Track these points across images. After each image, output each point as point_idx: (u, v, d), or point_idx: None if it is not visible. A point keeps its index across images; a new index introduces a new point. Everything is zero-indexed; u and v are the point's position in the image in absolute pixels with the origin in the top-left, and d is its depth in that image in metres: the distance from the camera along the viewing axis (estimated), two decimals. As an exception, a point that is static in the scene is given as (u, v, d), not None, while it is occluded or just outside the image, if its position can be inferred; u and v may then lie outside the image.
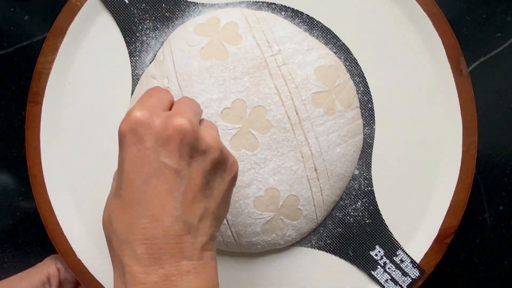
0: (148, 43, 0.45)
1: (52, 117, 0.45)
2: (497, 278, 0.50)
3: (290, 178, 0.41)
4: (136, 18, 0.45)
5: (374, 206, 0.44)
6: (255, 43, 0.42)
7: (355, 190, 0.45)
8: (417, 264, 0.44)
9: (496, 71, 0.49)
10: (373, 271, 0.44)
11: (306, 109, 0.41)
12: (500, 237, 0.50)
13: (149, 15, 0.45)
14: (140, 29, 0.45)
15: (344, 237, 0.44)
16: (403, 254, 0.44)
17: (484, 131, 0.46)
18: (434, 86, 0.44)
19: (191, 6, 0.45)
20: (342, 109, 0.42)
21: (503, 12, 0.49)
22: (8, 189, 0.47)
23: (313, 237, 0.45)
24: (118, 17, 0.45)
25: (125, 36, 0.45)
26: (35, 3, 0.49)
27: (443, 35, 0.44)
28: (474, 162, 0.44)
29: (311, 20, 0.45)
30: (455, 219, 0.44)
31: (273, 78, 0.41)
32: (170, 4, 0.45)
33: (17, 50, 0.50)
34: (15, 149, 0.50)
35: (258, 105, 0.41)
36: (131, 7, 0.44)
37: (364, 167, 0.45)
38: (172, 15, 0.45)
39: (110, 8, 0.44)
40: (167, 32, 0.45)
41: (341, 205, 0.45)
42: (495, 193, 0.49)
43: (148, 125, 0.29)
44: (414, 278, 0.44)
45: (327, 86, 0.42)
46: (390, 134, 0.45)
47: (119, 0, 0.44)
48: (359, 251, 0.44)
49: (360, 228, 0.44)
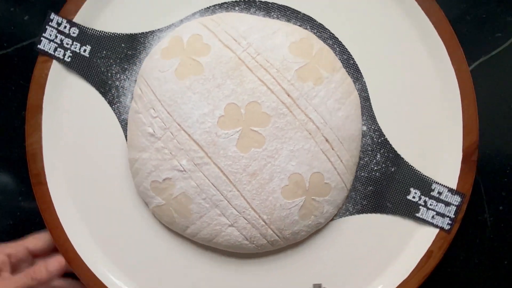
0: (122, 87, 0.45)
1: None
2: (497, 278, 0.50)
3: (306, 157, 0.41)
4: (102, 67, 0.45)
5: (394, 153, 0.45)
6: (223, 45, 0.42)
7: (370, 145, 0.45)
8: (455, 191, 0.44)
9: (496, 71, 0.49)
10: (417, 214, 0.44)
11: (296, 88, 0.41)
12: (500, 237, 0.50)
13: (113, 60, 0.45)
14: (110, 76, 0.45)
15: (378, 193, 0.45)
16: (438, 186, 0.44)
17: (484, 131, 0.46)
18: (435, 86, 0.45)
19: (149, 36, 0.45)
20: (328, 75, 0.42)
21: (503, 12, 0.49)
22: (8, 189, 0.47)
23: (348, 205, 0.45)
24: (85, 73, 0.45)
25: (98, 88, 0.45)
26: (35, 3, 0.49)
27: (443, 33, 0.44)
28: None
29: (265, 5, 0.45)
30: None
31: (253, 71, 0.41)
32: (128, 42, 0.45)
33: (17, 50, 0.50)
34: (15, 149, 0.50)
35: (249, 102, 0.41)
36: (94, 59, 0.45)
37: (370, 120, 0.45)
38: (135, 51, 0.45)
39: (74, 68, 0.45)
40: (136, 69, 0.45)
41: (362, 164, 0.45)
42: (495, 193, 0.50)
43: None
44: (458, 204, 0.44)
45: (306, 59, 0.42)
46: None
47: (80, 57, 0.44)
48: (396, 200, 0.44)
49: (389, 179, 0.44)
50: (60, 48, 0.44)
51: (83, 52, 0.44)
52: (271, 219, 0.42)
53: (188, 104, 0.41)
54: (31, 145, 0.44)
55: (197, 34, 0.42)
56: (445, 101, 0.44)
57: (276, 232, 0.42)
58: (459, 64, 0.44)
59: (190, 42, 0.42)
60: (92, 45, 0.45)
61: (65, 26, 0.44)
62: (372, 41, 0.45)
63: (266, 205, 0.41)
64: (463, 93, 0.44)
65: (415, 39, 0.44)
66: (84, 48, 0.44)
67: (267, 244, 0.43)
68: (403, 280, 0.44)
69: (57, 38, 0.44)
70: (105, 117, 0.45)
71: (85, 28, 0.44)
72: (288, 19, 0.45)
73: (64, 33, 0.44)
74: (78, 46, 0.44)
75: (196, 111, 0.41)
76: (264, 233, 0.42)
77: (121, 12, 0.45)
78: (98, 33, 0.45)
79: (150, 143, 0.42)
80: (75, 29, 0.44)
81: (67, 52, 0.44)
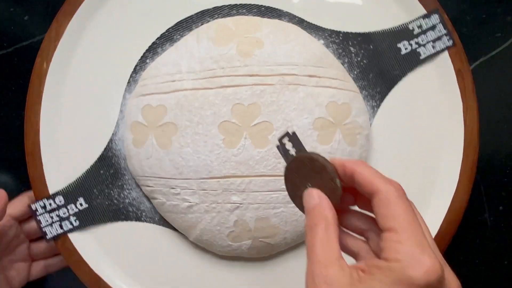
0: (134, 199, 0.45)
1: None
2: (497, 278, 0.50)
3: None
4: (105, 202, 0.44)
5: (363, 36, 0.45)
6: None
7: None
8: (427, 14, 0.44)
9: (496, 71, 0.49)
10: (421, 57, 0.44)
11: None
12: (500, 237, 0.50)
13: (106, 188, 0.44)
14: (119, 201, 0.44)
15: (378, 72, 0.45)
16: (413, 23, 0.44)
17: (484, 131, 0.46)
18: (436, 87, 0.44)
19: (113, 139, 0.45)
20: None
21: (503, 12, 0.49)
22: (8, 189, 0.47)
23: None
24: (100, 217, 0.44)
25: (119, 218, 0.44)
26: (35, 3, 0.50)
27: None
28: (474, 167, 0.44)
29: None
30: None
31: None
32: (102, 164, 0.44)
33: (17, 50, 0.50)
34: (15, 149, 0.50)
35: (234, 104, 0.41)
36: (93, 203, 0.44)
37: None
38: (116, 165, 0.44)
39: (88, 222, 0.44)
40: (128, 176, 0.45)
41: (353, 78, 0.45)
42: (495, 193, 0.50)
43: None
44: (440, 19, 0.43)
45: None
46: (389, 132, 0.45)
47: (83, 212, 0.44)
48: (397, 62, 0.44)
49: (375, 56, 0.44)
50: (63, 221, 0.43)
51: (81, 206, 0.43)
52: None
53: (190, 159, 0.41)
54: (31, 145, 0.44)
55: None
56: (446, 101, 0.44)
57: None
58: (460, 63, 0.44)
59: (146, 115, 0.42)
60: (82, 193, 0.44)
61: (50, 204, 0.43)
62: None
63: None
64: (464, 93, 0.44)
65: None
66: (79, 202, 0.43)
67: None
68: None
69: (54, 217, 0.43)
70: (105, 117, 0.45)
71: (65, 189, 0.43)
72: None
73: (54, 209, 0.43)
74: (73, 206, 0.43)
75: (201, 156, 0.41)
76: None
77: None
78: (74, 182, 0.43)
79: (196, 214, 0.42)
80: (59, 197, 0.43)
81: (71, 219, 0.43)
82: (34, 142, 0.44)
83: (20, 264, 0.45)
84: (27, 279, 0.46)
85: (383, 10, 0.44)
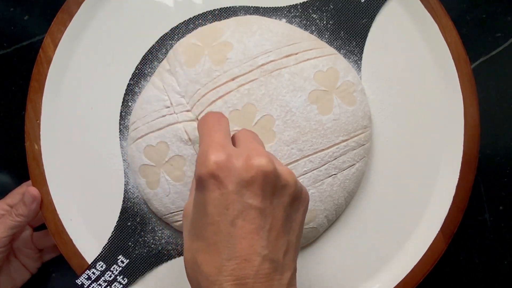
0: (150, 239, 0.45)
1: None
2: (497, 278, 0.50)
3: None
4: (126, 260, 0.44)
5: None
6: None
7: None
8: None
9: (496, 71, 0.49)
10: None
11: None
12: (500, 237, 0.50)
13: (129, 242, 0.44)
14: (133, 247, 0.44)
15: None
16: None
17: (484, 131, 0.46)
18: (437, 85, 0.44)
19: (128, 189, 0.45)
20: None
21: (503, 12, 0.49)
22: (8, 189, 0.47)
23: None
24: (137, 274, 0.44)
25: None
26: (35, 3, 0.50)
27: (447, 35, 0.44)
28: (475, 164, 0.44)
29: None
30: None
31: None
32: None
33: (17, 50, 0.50)
34: (15, 149, 0.50)
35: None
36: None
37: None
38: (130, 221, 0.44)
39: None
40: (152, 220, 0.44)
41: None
42: (495, 193, 0.50)
43: (228, 169, 0.29)
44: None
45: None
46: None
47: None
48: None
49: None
50: (112, 284, 0.43)
51: (123, 264, 0.43)
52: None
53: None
54: (31, 145, 0.44)
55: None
56: (446, 101, 0.44)
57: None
58: (461, 63, 0.44)
59: (150, 156, 0.42)
60: (119, 251, 0.43)
61: (93, 273, 0.43)
62: (374, 39, 0.45)
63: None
64: (465, 93, 0.44)
65: (418, 38, 0.44)
66: (120, 260, 0.43)
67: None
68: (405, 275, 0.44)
69: (102, 284, 0.43)
70: (105, 117, 0.45)
71: (102, 253, 0.43)
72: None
73: (98, 276, 0.43)
74: (115, 266, 0.43)
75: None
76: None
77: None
78: (107, 243, 0.43)
79: None
80: (99, 263, 0.43)
81: (118, 279, 0.43)
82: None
83: (24, 258, 0.46)
84: (33, 270, 0.48)
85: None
